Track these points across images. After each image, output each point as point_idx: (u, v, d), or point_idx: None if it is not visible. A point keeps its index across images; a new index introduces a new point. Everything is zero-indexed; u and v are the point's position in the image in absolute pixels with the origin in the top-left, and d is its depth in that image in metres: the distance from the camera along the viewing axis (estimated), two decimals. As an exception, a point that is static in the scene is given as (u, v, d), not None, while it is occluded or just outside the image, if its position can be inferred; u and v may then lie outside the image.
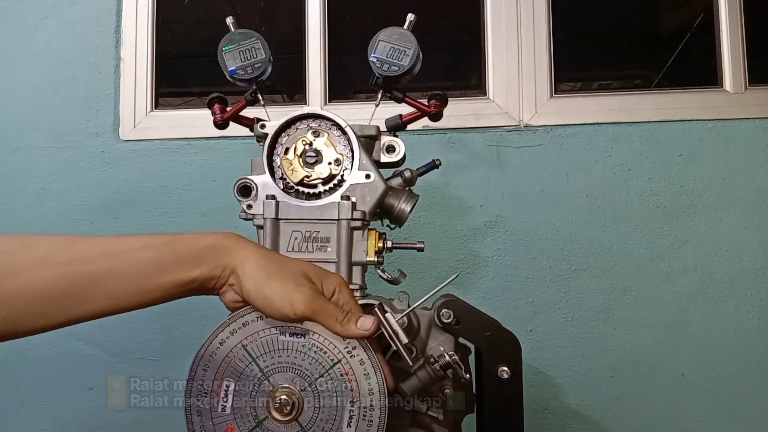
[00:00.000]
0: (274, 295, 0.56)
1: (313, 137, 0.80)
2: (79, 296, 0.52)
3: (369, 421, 0.59)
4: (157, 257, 0.55)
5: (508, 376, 0.73)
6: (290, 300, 0.56)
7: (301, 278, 0.58)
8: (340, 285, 0.61)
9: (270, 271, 0.57)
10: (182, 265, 0.55)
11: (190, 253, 0.56)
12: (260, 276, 0.56)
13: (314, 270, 0.60)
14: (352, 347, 0.60)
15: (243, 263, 0.56)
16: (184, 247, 0.56)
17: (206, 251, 0.56)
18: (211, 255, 0.56)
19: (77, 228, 1.45)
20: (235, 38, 0.84)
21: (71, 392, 1.43)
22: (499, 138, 1.42)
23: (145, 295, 0.55)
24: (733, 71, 1.44)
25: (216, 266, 0.56)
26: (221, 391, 0.60)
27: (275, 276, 0.57)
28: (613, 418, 1.36)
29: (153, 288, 0.55)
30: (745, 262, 1.37)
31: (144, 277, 0.54)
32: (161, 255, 0.55)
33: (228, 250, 0.57)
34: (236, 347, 0.60)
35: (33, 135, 1.49)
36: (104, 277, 0.53)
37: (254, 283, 0.56)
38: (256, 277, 0.56)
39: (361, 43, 0.89)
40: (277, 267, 0.58)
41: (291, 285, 0.57)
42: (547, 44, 1.46)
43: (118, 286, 0.54)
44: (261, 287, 0.56)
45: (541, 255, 1.39)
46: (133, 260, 0.55)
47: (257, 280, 0.56)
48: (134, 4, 1.52)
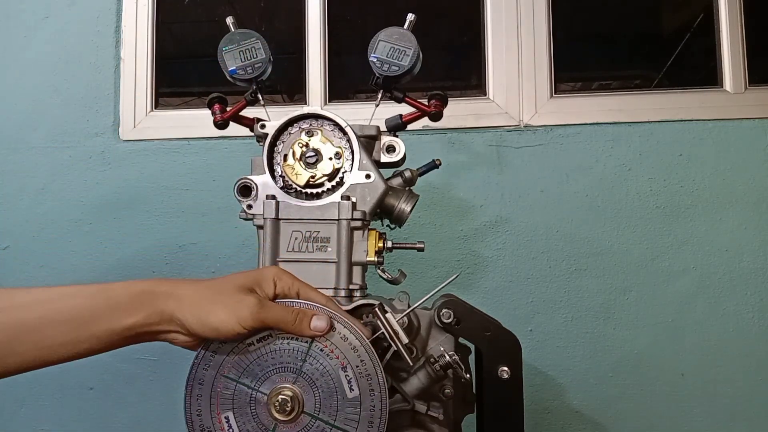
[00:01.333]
0: (221, 322, 0.56)
1: (308, 137, 0.81)
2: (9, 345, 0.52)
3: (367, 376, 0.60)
4: (88, 305, 0.55)
5: (508, 376, 0.74)
6: (236, 318, 0.56)
7: (237, 293, 0.57)
8: (276, 276, 0.61)
9: (207, 300, 0.57)
10: (114, 313, 0.55)
11: (123, 300, 0.55)
12: (199, 309, 0.56)
13: (246, 277, 0.60)
14: None
15: (179, 305, 0.56)
16: (115, 295, 0.55)
17: (138, 298, 0.56)
18: (143, 302, 0.55)
19: (77, 228, 1.45)
20: (235, 38, 0.84)
21: (71, 392, 1.43)
22: (499, 138, 1.42)
23: (78, 344, 0.54)
24: (733, 71, 1.44)
25: (151, 313, 0.55)
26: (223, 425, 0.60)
27: (213, 302, 0.56)
28: (613, 418, 1.36)
29: (85, 337, 0.54)
30: (745, 262, 1.37)
31: (76, 325, 0.54)
32: (92, 303, 0.55)
33: (160, 296, 0.56)
34: (216, 379, 0.60)
35: (33, 135, 1.49)
36: (36, 325, 0.53)
37: (197, 318, 0.56)
38: (196, 312, 0.56)
39: (361, 43, 0.89)
40: (212, 292, 0.57)
41: (231, 303, 0.57)
42: (547, 44, 1.46)
43: (49, 334, 0.53)
44: (204, 320, 0.56)
45: (541, 255, 1.39)
46: (63, 308, 0.54)
47: (198, 314, 0.56)
48: (134, 4, 1.52)
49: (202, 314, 0.56)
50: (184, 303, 0.56)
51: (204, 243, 1.43)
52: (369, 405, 0.60)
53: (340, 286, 0.77)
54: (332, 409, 0.60)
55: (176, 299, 0.56)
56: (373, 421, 0.60)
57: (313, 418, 0.60)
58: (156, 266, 1.43)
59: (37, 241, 1.45)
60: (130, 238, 1.45)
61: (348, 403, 0.60)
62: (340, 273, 0.77)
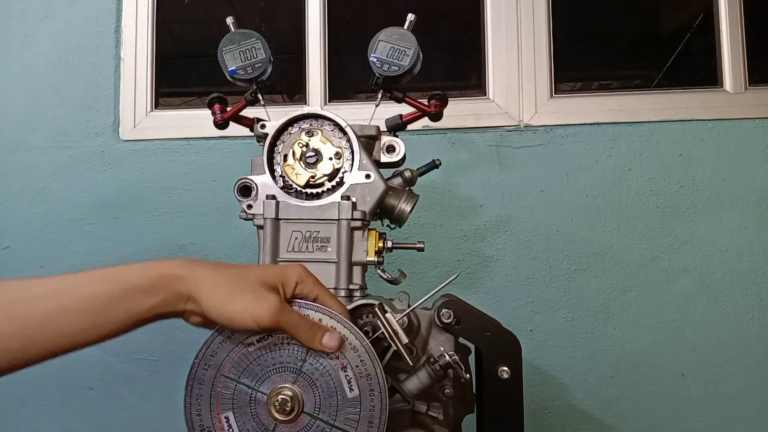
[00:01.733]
0: (236, 314, 0.56)
1: (308, 138, 0.81)
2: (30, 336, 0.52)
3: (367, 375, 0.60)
4: (105, 291, 0.55)
5: (508, 376, 0.74)
6: (252, 315, 0.56)
7: (260, 288, 0.57)
8: (300, 276, 0.61)
9: (227, 288, 0.56)
10: (133, 298, 0.55)
11: (140, 285, 0.55)
12: (218, 297, 0.56)
13: (272, 273, 0.60)
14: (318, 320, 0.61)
15: (198, 288, 0.56)
16: (132, 279, 0.55)
17: (157, 281, 0.55)
18: (162, 285, 0.55)
19: (77, 228, 1.45)
20: (235, 38, 0.84)
21: (71, 392, 1.43)
22: (499, 138, 1.42)
23: (99, 329, 0.54)
24: (733, 71, 1.44)
25: (169, 295, 0.56)
26: (223, 425, 0.60)
27: (233, 292, 0.56)
28: (613, 418, 1.36)
29: (104, 323, 0.54)
30: (745, 262, 1.37)
31: (94, 313, 0.54)
32: (109, 288, 0.55)
33: (180, 279, 0.56)
34: (216, 379, 0.60)
35: (33, 135, 1.49)
36: (53, 315, 0.53)
37: (213, 304, 0.56)
38: (215, 299, 0.56)
39: (361, 43, 0.89)
40: (234, 282, 0.57)
41: (250, 299, 0.56)
42: (547, 44, 1.46)
43: (68, 324, 0.53)
44: (221, 308, 0.56)
45: (541, 255, 1.39)
46: (81, 296, 0.54)
47: (216, 301, 0.56)
48: (134, 4, 1.52)
49: (219, 302, 0.56)
50: (203, 287, 0.56)
51: (204, 243, 1.43)
52: (369, 405, 0.60)
53: (340, 286, 0.77)
54: (332, 409, 0.60)
55: (194, 282, 0.56)
56: (373, 421, 0.60)
57: (313, 418, 0.60)
58: (156, 266, 1.43)
59: (37, 241, 1.45)
60: (130, 238, 1.45)
61: (348, 403, 0.60)
62: (340, 273, 0.77)
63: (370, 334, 0.67)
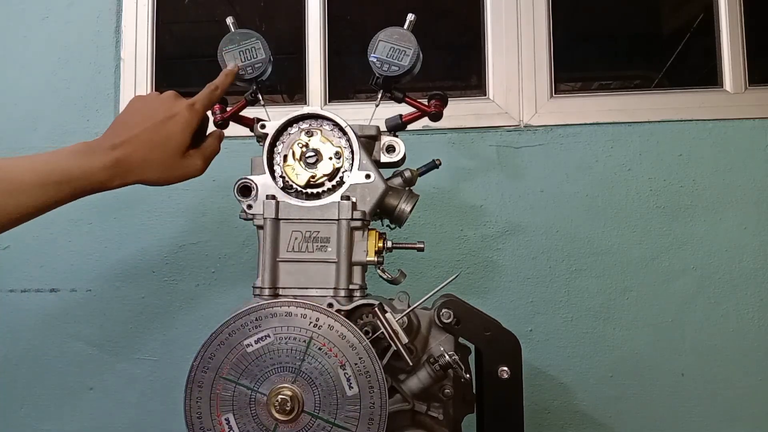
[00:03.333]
0: (187, 168, 0.71)
1: (308, 138, 0.81)
2: None
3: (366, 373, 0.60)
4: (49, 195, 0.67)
5: (508, 376, 0.74)
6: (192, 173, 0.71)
7: (177, 119, 0.75)
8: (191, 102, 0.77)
9: (164, 164, 0.69)
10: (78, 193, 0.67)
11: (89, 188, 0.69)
12: (163, 173, 0.69)
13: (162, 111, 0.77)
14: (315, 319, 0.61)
15: (144, 175, 0.68)
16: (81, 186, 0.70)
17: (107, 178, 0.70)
18: (114, 176, 0.69)
19: (77, 228, 1.45)
20: (235, 38, 0.84)
21: (71, 392, 1.43)
22: (499, 138, 1.42)
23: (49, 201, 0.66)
24: (733, 71, 1.44)
25: (120, 184, 0.70)
26: (224, 427, 0.60)
27: (170, 157, 0.69)
28: (613, 418, 1.36)
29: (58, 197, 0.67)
30: (745, 262, 1.37)
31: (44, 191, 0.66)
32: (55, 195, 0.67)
33: (130, 173, 0.69)
34: (216, 381, 0.60)
35: (33, 135, 1.49)
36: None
37: (156, 181, 0.69)
38: (163, 176, 0.69)
39: (361, 43, 0.89)
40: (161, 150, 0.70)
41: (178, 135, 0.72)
42: (547, 44, 1.46)
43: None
44: (169, 177, 0.70)
45: (541, 255, 1.39)
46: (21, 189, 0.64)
47: (164, 176, 0.70)
48: (134, 4, 1.52)
49: (161, 177, 0.70)
50: (149, 174, 0.70)
51: (204, 243, 1.43)
52: (369, 402, 0.60)
53: (340, 286, 0.76)
54: (332, 407, 0.60)
55: (141, 173, 0.70)
56: (374, 418, 0.60)
57: (314, 417, 0.60)
58: (156, 266, 1.43)
59: (37, 241, 1.45)
60: (130, 238, 1.45)
61: (348, 401, 0.60)
62: (340, 273, 0.77)
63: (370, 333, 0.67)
